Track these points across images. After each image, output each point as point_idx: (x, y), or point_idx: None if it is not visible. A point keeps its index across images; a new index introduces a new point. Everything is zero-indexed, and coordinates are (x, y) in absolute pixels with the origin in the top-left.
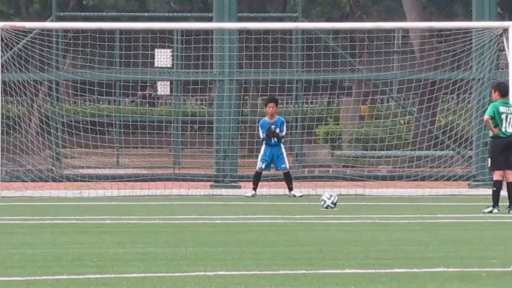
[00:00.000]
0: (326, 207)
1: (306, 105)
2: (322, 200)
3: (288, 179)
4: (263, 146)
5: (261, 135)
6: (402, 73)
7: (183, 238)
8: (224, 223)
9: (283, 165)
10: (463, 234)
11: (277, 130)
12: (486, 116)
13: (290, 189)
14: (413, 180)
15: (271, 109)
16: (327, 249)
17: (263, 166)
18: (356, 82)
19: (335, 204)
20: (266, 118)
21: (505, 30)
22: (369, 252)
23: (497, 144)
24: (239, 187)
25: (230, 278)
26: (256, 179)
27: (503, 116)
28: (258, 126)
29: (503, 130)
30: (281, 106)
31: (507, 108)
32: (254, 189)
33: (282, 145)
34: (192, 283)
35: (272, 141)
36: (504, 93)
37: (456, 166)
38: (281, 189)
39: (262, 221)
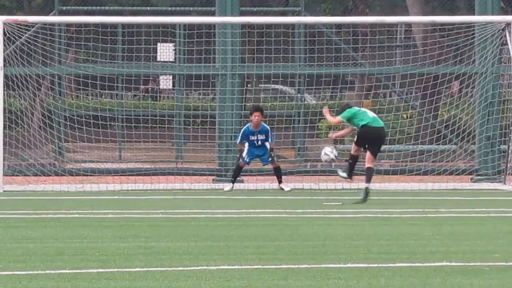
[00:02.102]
0: (330, 161)
1: (309, 99)
2: (326, 154)
3: (277, 172)
4: (246, 145)
5: (238, 141)
6: (404, 67)
7: (185, 232)
8: (226, 217)
9: (270, 159)
10: (466, 229)
11: (267, 145)
12: (338, 118)
13: (280, 182)
14: (415, 174)
15: (256, 118)
16: (330, 243)
17: (248, 160)
18: (359, 77)
19: (336, 156)
20: (251, 127)
21: (508, 24)
22: (372, 246)
23: (366, 132)
24: (242, 181)
25: (232, 272)
26: (237, 172)
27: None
28: (240, 132)
29: (369, 120)
30: (284, 100)
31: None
32: (233, 182)
33: (267, 144)
34: (195, 277)
35: (256, 144)
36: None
37: (458, 160)
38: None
39: (264, 216)
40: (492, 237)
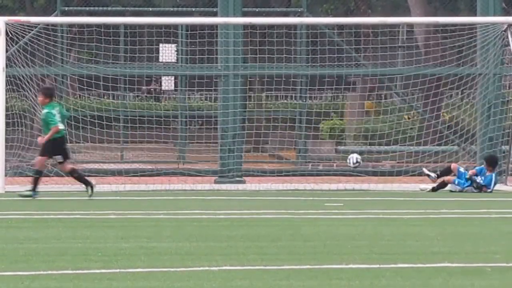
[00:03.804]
0: (355, 164)
1: (311, 100)
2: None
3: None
4: None
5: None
6: (406, 68)
7: (187, 232)
8: (228, 218)
9: None
10: (467, 229)
11: None
12: (56, 128)
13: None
14: (417, 175)
15: None
16: (331, 244)
17: None
18: (361, 77)
19: (359, 162)
20: None
21: (510, 25)
22: (373, 247)
23: (57, 142)
24: (244, 182)
25: (234, 273)
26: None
27: (58, 116)
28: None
29: (61, 128)
30: (286, 101)
31: (57, 109)
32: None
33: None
34: (197, 277)
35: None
36: (48, 96)
37: (460, 161)
38: (285, 184)
39: (266, 216)
40: (493, 238)
